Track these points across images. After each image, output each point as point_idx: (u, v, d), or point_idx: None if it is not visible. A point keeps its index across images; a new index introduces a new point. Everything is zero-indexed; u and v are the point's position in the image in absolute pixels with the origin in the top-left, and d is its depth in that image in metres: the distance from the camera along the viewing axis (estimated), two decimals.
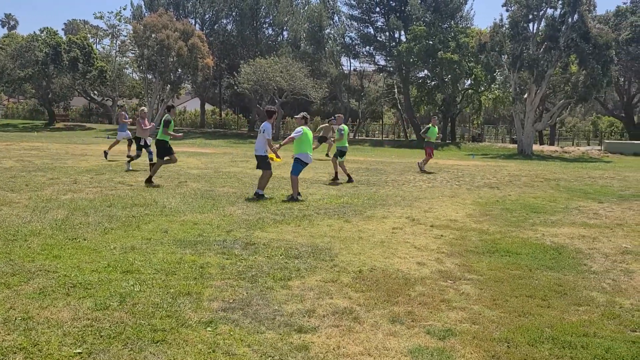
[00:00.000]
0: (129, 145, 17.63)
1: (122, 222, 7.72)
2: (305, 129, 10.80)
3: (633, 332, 4.28)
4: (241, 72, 40.29)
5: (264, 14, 50.23)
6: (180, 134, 13.44)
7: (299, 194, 10.56)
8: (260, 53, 44.40)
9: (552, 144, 45.78)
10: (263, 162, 10.65)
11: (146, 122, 15.02)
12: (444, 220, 8.86)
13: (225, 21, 51.64)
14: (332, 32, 48.66)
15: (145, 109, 16.38)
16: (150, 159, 14.36)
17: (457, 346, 3.93)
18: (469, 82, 44.85)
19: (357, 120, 52.60)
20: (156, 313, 4.30)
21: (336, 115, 15.52)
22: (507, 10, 32.65)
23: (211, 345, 3.78)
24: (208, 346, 3.76)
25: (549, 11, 31.86)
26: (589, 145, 48.81)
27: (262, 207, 9.52)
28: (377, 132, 56.27)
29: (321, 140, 20.77)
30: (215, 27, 51.24)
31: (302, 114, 11.20)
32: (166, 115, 11.98)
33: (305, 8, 49.95)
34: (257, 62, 39.95)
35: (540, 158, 29.42)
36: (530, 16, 32.07)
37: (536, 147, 35.66)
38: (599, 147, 37.87)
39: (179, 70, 42.25)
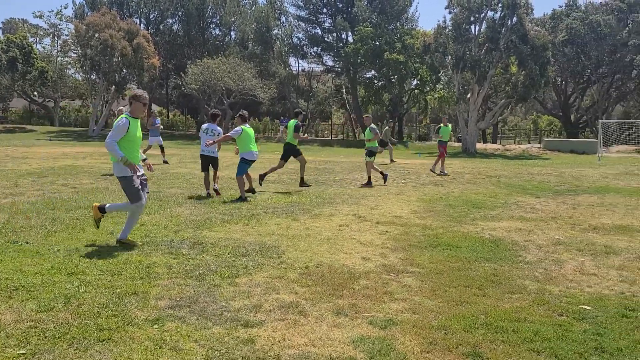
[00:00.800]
0: (162, 150, 18.82)
1: (65, 224, 7.60)
2: (245, 127, 10.84)
3: (560, 316, 4.57)
4: (188, 72, 39.86)
5: (210, 14, 49.81)
6: (306, 136, 13.51)
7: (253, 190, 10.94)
8: (208, 53, 44.04)
9: (494, 142, 47.25)
10: (216, 162, 11.11)
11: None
12: (389, 217, 9.11)
13: (170, 21, 50.94)
14: (280, 32, 48.72)
15: (123, 109, 15.85)
16: None
17: (397, 334, 4.12)
18: (415, 82, 45.74)
19: (306, 121, 52.81)
20: (102, 313, 4.31)
21: (365, 116, 15.27)
22: (449, 13, 33.53)
23: (158, 341, 3.84)
24: (155, 343, 3.81)
25: (490, 14, 32.92)
26: (529, 143, 50.59)
27: (210, 207, 9.53)
28: (326, 132, 56.64)
29: (383, 144, 20.39)
30: (161, 26, 50.47)
31: (240, 112, 11.27)
32: (295, 120, 12.63)
33: (253, 8, 49.81)
34: (204, 63, 39.62)
35: (483, 156, 30.34)
36: (472, 18, 33.04)
37: (480, 146, 36.77)
38: (538, 145, 39.32)
39: (124, 70, 41.36)
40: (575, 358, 3.74)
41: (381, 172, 14.12)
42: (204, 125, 11.24)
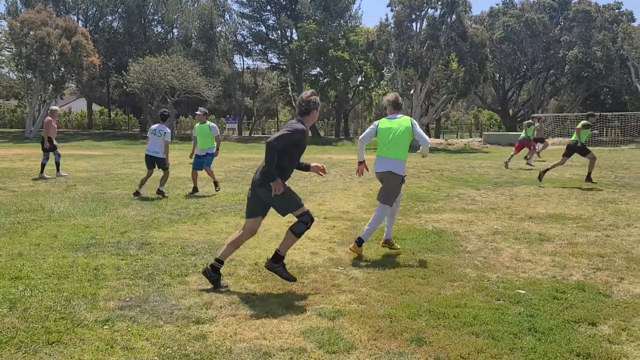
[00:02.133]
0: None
1: (6, 229, 7.41)
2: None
3: (497, 300, 4.84)
4: (130, 70, 38.99)
5: (152, 11, 48.86)
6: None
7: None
8: (150, 51, 43.19)
9: (437, 136, 48.40)
10: (162, 163, 10.93)
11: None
12: (337, 212, 9.29)
13: (110, 18, 49.69)
14: (224, 30, 48.30)
15: (57, 108, 15.29)
16: (57, 162, 13.71)
17: (345, 324, 4.27)
18: (359, 79, 46.32)
19: (252, 118, 52.67)
20: (50, 316, 4.28)
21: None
22: (391, 10, 34.17)
23: (109, 342, 3.86)
24: (106, 343, 3.83)
25: (430, 11, 33.77)
26: (471, 137, 52.15)
27: (157, 207, 9.47)
28: (272, 129, 56.59)
29: (538, 140, 20.51)
30: (100, 24, 49.18)
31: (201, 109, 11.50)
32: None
33: (195, 5, 49.18)
34: (146, 61, 38.85)
35: None
36: (413, 16, 33.77)
37: None
38: (479, 139, 40.57)
39: (62, 69, 40.07)
40: (510, 339, 3.99)
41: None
42: (153, 126, 11.12)
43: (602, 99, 48.95)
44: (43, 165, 13.51)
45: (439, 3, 32.96)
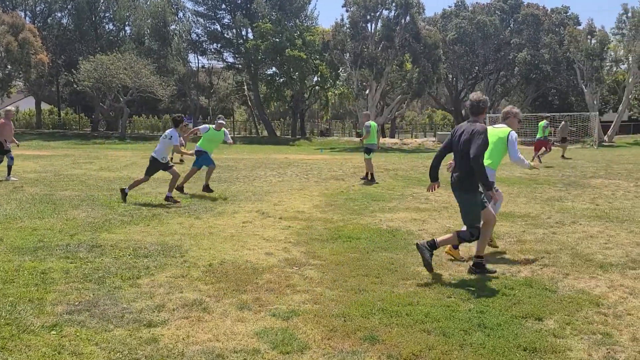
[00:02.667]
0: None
1: None
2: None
3: (448, 297, 4.95)
4: (81, 69, 38.00)
5: (103, 8, 47.75)
6: None
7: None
8: (101, 49, 42.17)
9: (392, 136, 49.00)
10: (163, 166, 10.42)
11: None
12: (292, 212, 9.30)
13: (59, 14, 48.29)
14: (178, 28, 47.63)
15: (12, 109, 14.62)
16: (9, 165, 13.19)
17: (299, 324, 4.29)
18: (315, 79, 46.45)
19: (208, 118, 52.03)
20: None
21: (363, 112, 15.44)
22: (347, 11, 34.42)
23: (56, 347, 3.75)
24: (53, 349, 3.73)
25: (385, 12, 34.18)
26: (425, 137, 52.98)
27: (109, 208, 9.26)
28: (229, 128, 56.05)
29: (563, 140, 21.38)
30: (49, 20, 47.74)
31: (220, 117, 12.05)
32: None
33: (148, 3, 48.26)
34: (98, 59, 37.93)
35: (382, 150, 31.37)
36: (368, 17, 34.10)
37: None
38: (433, 139, 41.27)
39: (9, 67, 38.74)
40: (460, 335, 4.09)
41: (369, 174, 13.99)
42: (167, 131, 10.67)
43: (550, 99, 50.51)
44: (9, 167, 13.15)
45: (393, 4, 33.39)
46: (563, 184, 13.33)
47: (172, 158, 13.95)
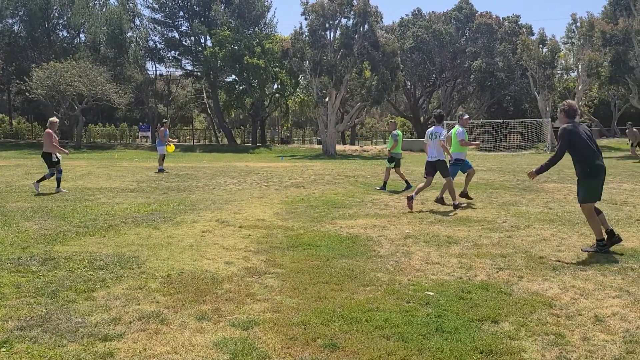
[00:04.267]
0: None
1: None
2: None
3: (407, 303, 5.00)
4: (33, 76, 37.01)
5: (56, 14, 46.66)
6: None
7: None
8: (55, 56, 41.21)
9: (352, 143, 49.39)
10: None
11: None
12: (252, 221, 9.24)
13: (10, 21, 46.97)
14: (135, 35, 46.92)
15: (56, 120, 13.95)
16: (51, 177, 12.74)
17: (259, 334, 4.26)
18: (275, 86, 46.45)
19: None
20: None
21: (390, 121, 15.42)
22: (306, 19, 34.55)
23: None
24: None
25: (343, 21, 34.47)
26: (384, 143, 53.48)
27: (63, 219, 9.03)
28: (187, 137, 55.50)
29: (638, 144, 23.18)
30: None
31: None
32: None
33: (103, 10, 47.43)
34: (51, 66, 37.04)
35: (342, 157, 31.61)
36: (327, 25, 34.32)
37: (339, 147, 38.23)
38: None
39: None
40: (419, 340, 4.13)
41: (406, 181, 14.12)
42: (430, 130, 11.01)
43: (505, 106, 51.80)
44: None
45: (352, 13, 33.71)
46: (518, 189, 13.67)
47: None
